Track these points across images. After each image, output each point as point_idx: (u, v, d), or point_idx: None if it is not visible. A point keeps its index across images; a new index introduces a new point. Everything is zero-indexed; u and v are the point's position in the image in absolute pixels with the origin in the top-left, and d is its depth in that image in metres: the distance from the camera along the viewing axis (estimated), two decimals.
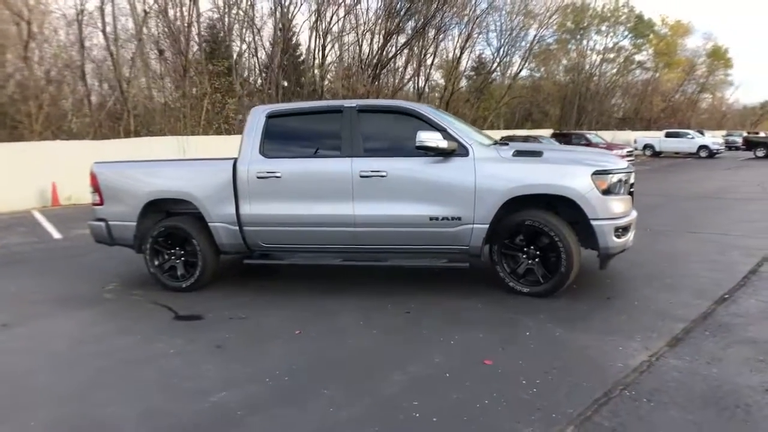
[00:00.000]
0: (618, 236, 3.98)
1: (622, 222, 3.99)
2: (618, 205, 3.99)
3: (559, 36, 37.49)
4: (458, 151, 4.14)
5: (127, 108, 16.03)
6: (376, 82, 22.44)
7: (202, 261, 4.69)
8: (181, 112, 16.16)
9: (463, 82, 30.93)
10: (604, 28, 39.55)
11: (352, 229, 4.34)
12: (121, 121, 16.27)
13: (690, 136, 27.44)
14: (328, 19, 20.91)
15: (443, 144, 4.03)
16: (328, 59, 22.66)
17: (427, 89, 27.71)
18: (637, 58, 41.68)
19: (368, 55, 22.54)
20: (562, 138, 22.26)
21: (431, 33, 24.36)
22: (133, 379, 3.02)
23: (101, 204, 5.00)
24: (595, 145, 20.30)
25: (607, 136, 27.92)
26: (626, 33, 40.63)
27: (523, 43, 30.71)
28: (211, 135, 16.15)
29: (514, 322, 3.63)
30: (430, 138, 4.01)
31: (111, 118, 16.90)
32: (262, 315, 4.05)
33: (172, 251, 4.85)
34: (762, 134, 31.86)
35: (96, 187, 5.01)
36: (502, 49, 30.29)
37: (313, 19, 20.67)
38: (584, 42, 38.83)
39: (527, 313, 3.78)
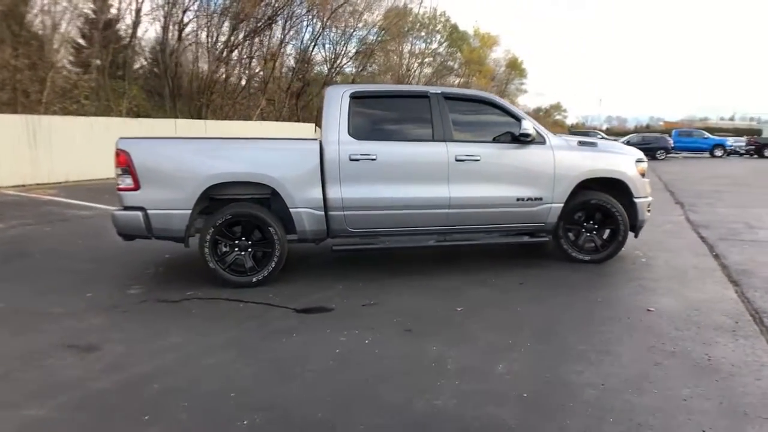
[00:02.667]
0: (648, 211, 5.07)
1: (650, 199, 5.08)
2: (648, 186, 5.07)
3: (381, 37, 40.05)
4: (537, 139, 4.69)
5: None
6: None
7: (279, 251, 4.28)
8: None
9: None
10: (423, 33, 43.89)
11: (447, 210, 4.52)
12: None
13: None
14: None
15: (535, 133, 4.55)
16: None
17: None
18: (450, 64, 47.52)
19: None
20: None
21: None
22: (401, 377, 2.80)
23: (136, 189, 4.10)
24: None
25: None
26: (442, 41, 45.86)
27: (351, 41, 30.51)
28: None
29: (603, 284, 4.41)
30: (530, 127, 4.48)
31: None
32: (390, 299, 3.97)
33: (237, 242, 4.29)
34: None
35: (128, 168, 4.08)
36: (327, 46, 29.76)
37: None
38: (404, 45, 42.34)
39: (603, 275, 4.60)
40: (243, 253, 4.30)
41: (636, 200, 4.90)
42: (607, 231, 4.93)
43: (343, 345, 3.14)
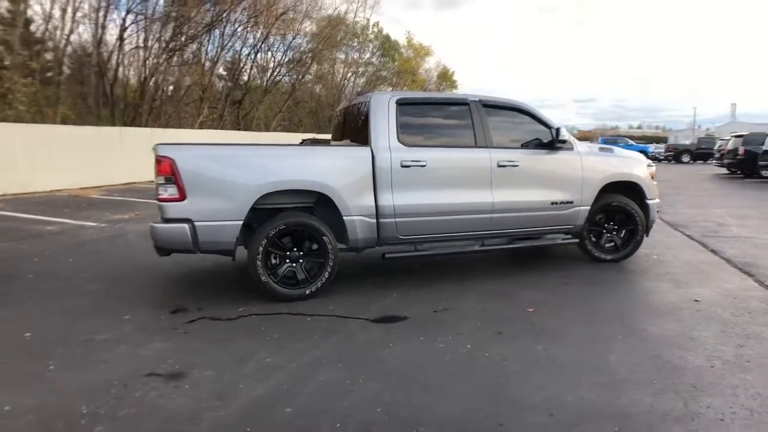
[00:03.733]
0: (657, 211, 5.49)
1: (658, 201, 5.51)
2: (656, 189, 5.49)
3: (313, 45, 39.83)
4: (566, 146, 4.93)
5: None
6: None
7: (333, 261, 4.13)
8: None
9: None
10: (355, 43, 44.26)
11: (490, 215, 4.61)
12: None
13: None
14: None
15: (570, 139, 4.80)
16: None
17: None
18: (383, 74, 48.30)
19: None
20: None
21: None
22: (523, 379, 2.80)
23: (181, 199, 3.78)
24: None
25: None
26: (375, 51, 46.55)
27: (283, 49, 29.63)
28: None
29: (637, 279, 4.71)
30: (566, 134, 4.71)
31: None
32: (455, 305, 3.95)
33: (288, 253, 4.08)
34: None
35: (172, 177, 3.75)
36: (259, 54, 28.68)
37: None
38: (337, 54, 42.44)
39: (630, 272, 4.92)
40: (294, 264, 4.11)
41: (648, 202, 5.29)
42: (624, 231, 5.27)
43: (448, 351, 3.10)
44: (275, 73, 29.20)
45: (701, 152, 28.97)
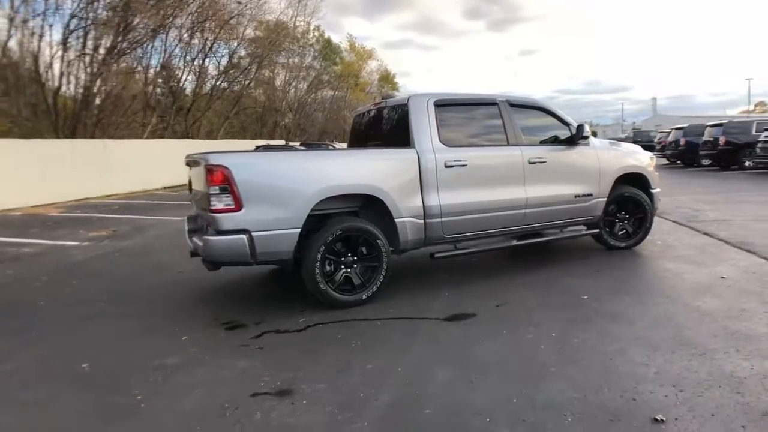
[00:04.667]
0: (659, 199, 5.89)
1: (659, 190, 5.91)
2: (658, 179, 5.88)
3: (253, 50, 38.93)
4: (584, 141, 5.19)
5: None
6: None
7: (387, 264, 4.11)
8: None
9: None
10: (296, 47, 43.69)
11: (524, 210, 4.77)
12: None
13: None
14: None
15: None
16: None
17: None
18: (325, 77, 48.04)
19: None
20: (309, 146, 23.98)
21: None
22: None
23: (237, 210, 3.61)
24: None
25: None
26: (317, 55, 46.20)
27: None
28: None
29: (657, 263, 5.05)
30: (588, 130, 4.96)
31: None
32: (510, 298, 4.05)
33: (343, 258, 4.02)
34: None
35: (228, 187, 3.59)
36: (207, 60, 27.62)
37: None
38: (277, 59, 41.74)
39: (645, 257, 5.26)
40: (349, 270, 4.05)
41: (652, 191, 5.68)
42: (633, 220, 5.61)
43: (539, 341, 3.17)
44: (221, 80, 28.33)
45: (638, 145, 31.16)
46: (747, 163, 15.74)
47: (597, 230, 5.38)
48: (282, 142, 25.86)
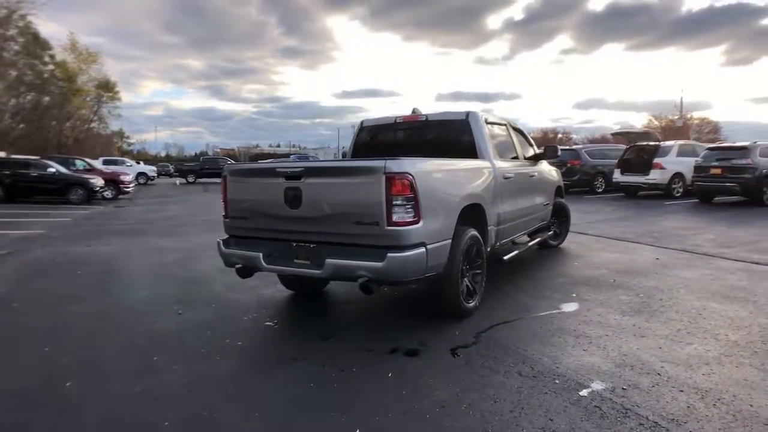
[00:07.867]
0: None
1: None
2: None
3: None
4: (543, 158, 6.33)
5: None
6: None
7: (486, 270, 4.27)
8: None
9: None
10: None
11: (535, 214, 5.62)
12: None
13: (128, 164, 30.46)
14: None
15: None
16: None
17: None
18: (29, 78, 38.24)
19: None
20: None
21: None
22: None
23: (418, 221, 3.25)
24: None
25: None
26: (18, 49, 36.52)
27: None
28: None
29: (597, 255, 6.60)
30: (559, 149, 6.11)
31: None
32: (581, 297, 4.52)
33: (468, 267, 3.99)
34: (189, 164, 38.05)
35: (413, 197, 3.20)
36: None
37: None
38: None
39: (575, 254, 6.80)
40: (466, 278, 4.04)
41: (561, 200, 7.33)
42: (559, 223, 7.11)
43: (663, 332, 3.65)
44: None
45: None
46: None
47: (551, 233, 6.64)
48: None
